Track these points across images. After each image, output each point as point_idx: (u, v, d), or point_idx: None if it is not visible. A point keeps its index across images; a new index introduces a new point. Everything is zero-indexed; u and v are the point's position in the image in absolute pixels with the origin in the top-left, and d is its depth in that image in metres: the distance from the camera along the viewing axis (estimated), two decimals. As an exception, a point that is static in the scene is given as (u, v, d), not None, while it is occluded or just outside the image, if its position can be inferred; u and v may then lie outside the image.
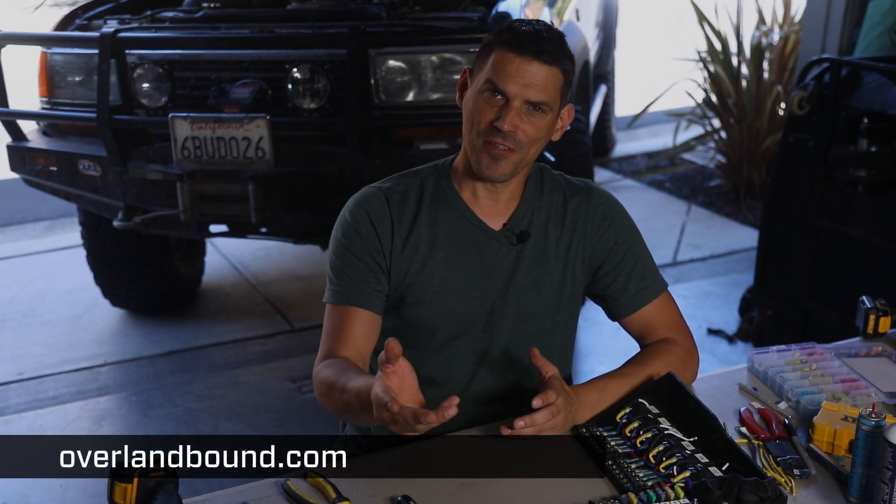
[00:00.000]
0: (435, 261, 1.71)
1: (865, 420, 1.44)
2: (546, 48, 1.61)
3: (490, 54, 1.64)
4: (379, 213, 1.71)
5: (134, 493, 1.35)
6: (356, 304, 1.70)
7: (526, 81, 1.61)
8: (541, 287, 1.75)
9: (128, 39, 3.36)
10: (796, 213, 3.48)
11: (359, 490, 1.47)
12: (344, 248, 1.72)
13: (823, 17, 3.86)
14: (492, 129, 1.62)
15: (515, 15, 3.36)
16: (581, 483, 1.50)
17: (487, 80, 1.62)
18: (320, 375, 1.68)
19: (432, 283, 1.71)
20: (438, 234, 1.72)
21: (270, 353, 3.96)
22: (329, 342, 1.71)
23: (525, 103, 1.62)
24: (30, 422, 3.48)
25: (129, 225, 3.47)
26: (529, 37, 1.61)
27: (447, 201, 1.73)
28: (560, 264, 1.76)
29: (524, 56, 1.60)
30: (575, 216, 1.77)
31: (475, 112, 1.64)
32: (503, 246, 1.73)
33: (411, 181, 1.75)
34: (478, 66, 1.67)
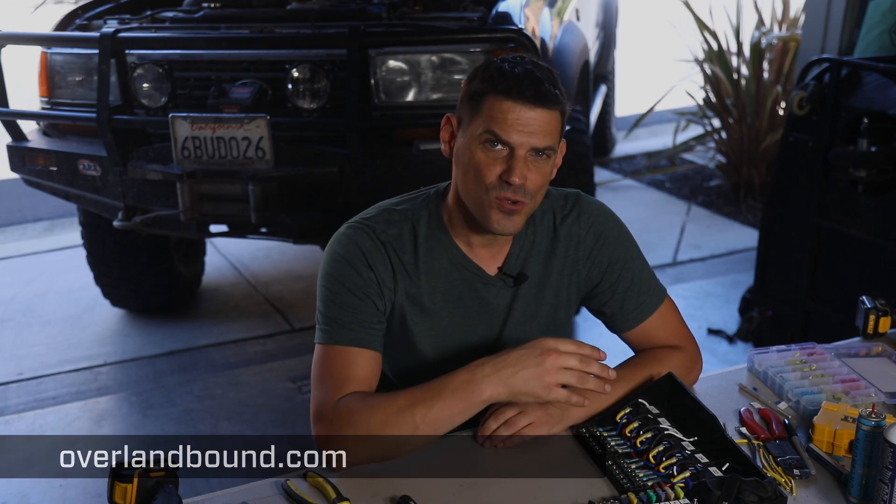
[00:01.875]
0: (438, 311, 1.67)
1: (865, 420, 1.44)
2: (546, 91, 1.53)
3: (482, 102, 1.55)
4: (378, 260, 1.62)
5: (134, 493, 1.35)
6: (362, 344, 1.59)
7: (530, 129, 1.53)
8: (535, 318, 1.73)
9: (128, 39, 3.36)
10: (796, 213, 3.48)
11: (359, 490, 1.47)
12: (345, 288, 1.60)
13: (823, 17, 3.86)
14: (502, 184, 1.54)
15: (515, 15, 3.36)
16: (581, 483, 1.50)
17: (487, 130, 1.54)
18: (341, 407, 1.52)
19: (430, 332, 1.68)
20: (436, 285, 1.66)
21: (270, 353, 3.95)
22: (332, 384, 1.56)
23: (530, 151, 1.55)
24: (30, 422, 3.48)
25: (129, 225, 3.47)
26: (527, 82, 1.52)
27: (443, 249, 1.66)
28: (553, 290, 1.73)
29: (525, 103, 1.52)
30: (567, 241, 1.72)
31: (479, 167, 1.55)
32: (500, 289, 1.69)
33: (403, 225, 1.65)
34: (467, 114, 1.58)
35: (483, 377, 1.47)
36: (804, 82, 3.41)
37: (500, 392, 1.47)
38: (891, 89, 3.18)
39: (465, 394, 1.48)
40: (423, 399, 1.49)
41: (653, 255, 4.87)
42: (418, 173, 3.06)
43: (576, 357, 1.47)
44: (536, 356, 1.46)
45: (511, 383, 1.46)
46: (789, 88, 5.30)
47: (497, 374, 1.47)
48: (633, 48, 8.70)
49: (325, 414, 1.53)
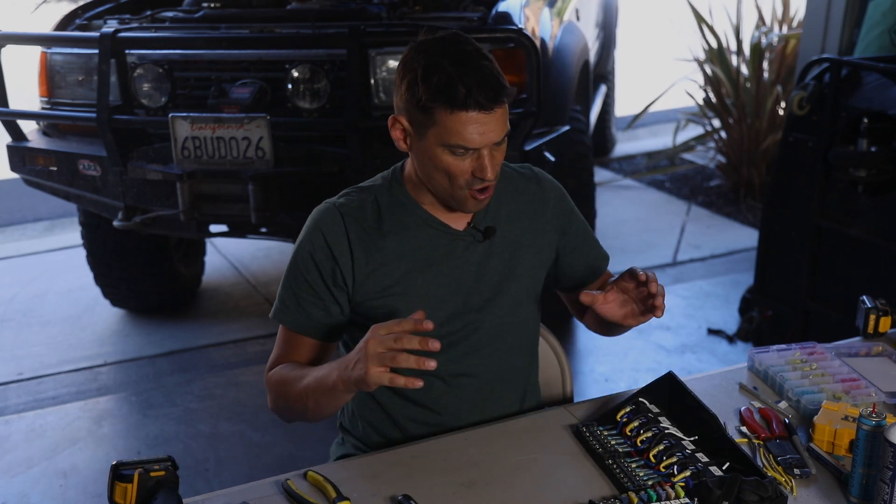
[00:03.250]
0: (408, 272, 1.69)
1: (866, 420, 1.44)
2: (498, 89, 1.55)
3: (434, 114, 1.55)
4: (335, 234, 1.68)
5: (134, 493, 1.35)
6: (303, 333, 1.73)
7: (489, 129, 1.56)
8: (520, 276, 1.77)
9: (128, 39, 3.36)
10: (796, 213, 3.48)
11: (359, 490, 1.47)
12: (297, 271, 1.72)
13: (823, 17, 3.86)
14: (475, 180, 1.61)
15: (515, 15, 3.36)
16: (581, 483, 1.50)
17: (452, 144, 1.56)
18: (272, 377, 1.73)
19: (407, 294, 1.69)
20: (406, 245, 1.70)
21: (270, 353, 3.95)
22: (277, 353, 1.77)
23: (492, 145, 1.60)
24: (30, 422, 3.48)
25: (129, 225, 3.47)
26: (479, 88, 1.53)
27: (408, 211, 1.71)
28: (532, 250, 1.79)
29: (483, 110, 1.54)
30: (533, 204, 1.79)
31: (450, 170, 1.60)
32: (469, 244, 1.73)
33: (364, 196, 1.72)
34: (420, 122, 1.58)
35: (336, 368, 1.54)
36: (804, 82, 3.41)
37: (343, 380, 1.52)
38: (891, 89, 3.18)
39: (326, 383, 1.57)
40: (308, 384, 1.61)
41: (653, 255, 4.88)
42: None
43: (391, 337, 1.45)
44: (363, 342, 1.49)
45: (347, 373, 1.51)
46: (789, 88, 5.30)
47: (340, 366, 1.53)
48: (633, 48, 8.69)
49: (266, 377, 1.76)
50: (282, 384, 1.69)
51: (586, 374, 3.73)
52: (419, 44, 1.59)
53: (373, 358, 1.45)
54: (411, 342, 1.45)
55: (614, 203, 5.65)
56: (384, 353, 1.45)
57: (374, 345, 1.46)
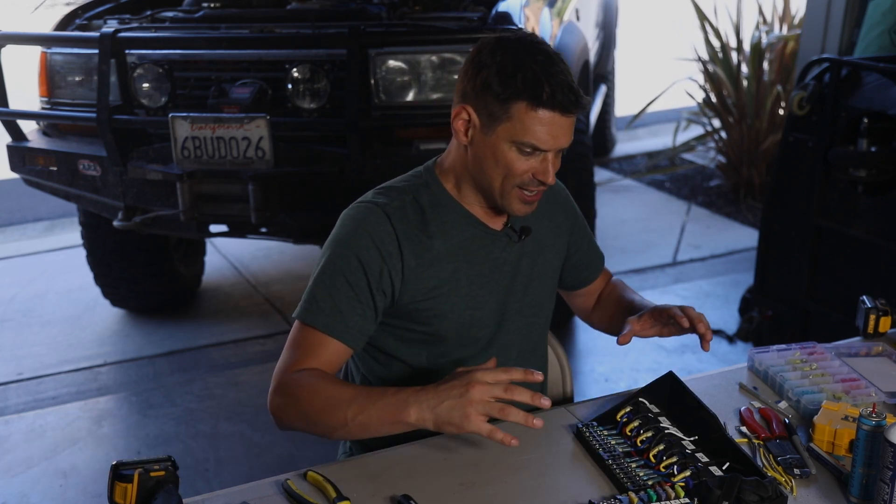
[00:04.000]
0: (453, 272, 1.68)
1: (866, 420, 1.44)
2: (580, 97, 1.57)
3: (512, 106, 1.55)
4: (382, 235, 1.63)
5: (134, 493, 1.35)
6: (338, 337, 1.63)
7: (561, 133, 1.58)
8: (543, 277, 1.81)
9: (128, 39, 3.36)
10: (796, 213, 3.48)
11: (359, 490, 1.47)
12: (337, 271, 1.64)
13: (823, 17, 3.86)
14: (533, 181, 1.61)
15: (515, 15, 3.36)
16: (581, 483, 1.50)
17: (524, 142, 1.56)
18: (295, 380, 1.59)
19: (452, 295, 1.69)
20: (452, 245, 1.69)
21: (270, 353, 3.95)
22: (296, 355, 1.63)
23: (557, 151, 1.62)
24: (30, 422, 3.48)
25: (129, 225, 3.47)
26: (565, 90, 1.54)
27: (450, 211, 1.70)
28: (552, 251, 1.83)
29: (564, 113, 1.56)
30: (549, 204, 1.81)
31: (512, 167, 1.59)
32: (506, 244, 1.74)
33: (403, 197, 1.69)
34: (491, 113, 1.58)
35: (414, 401, 1.46)
36: (804, 82, 3.41)
37: (425, 417, 1.45)
38: (891, 89, 3.18)
39: (394, 410, 1.48)
40: (361, 401, 1.51)
41: (653, 255, 4.88)
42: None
43: (500, 387, 1.43)
44: (461, 386, 1.43)
45: (436, 412, 1.44)
46: (789, 88, 5.30)
47: (427, 402, 1.45)
48: (633, 48, 8.69)
49: (279, 384, 1.61)
50: (315, 392, 1.56)
51: (586, 374, 3.73)
52: (497, 40, 1.60)
53: (478, 405, 1.41)
54: (522, 395, 1.42)
55: (614, 203, 5.65)
56: (491, 404, 1.41)
57: (481, 392, 1.41)
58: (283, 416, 1.61)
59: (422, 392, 1.47)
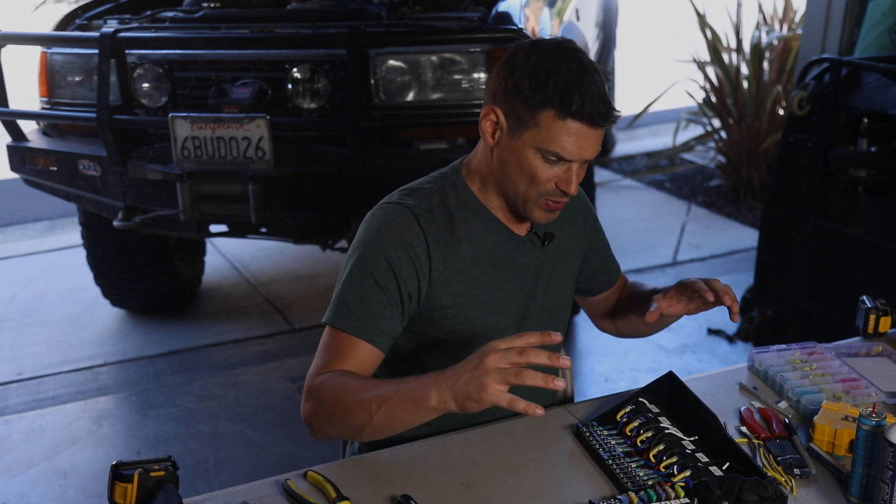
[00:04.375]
0: (479, 277, 1.68)
1: (866, 420, 1.44)
2: (611, 110, 1.56)
3: (540, 114, 1.53)
4: (412, 236, 1.61)
5: (134, 493, 1.35)
6: (368, 339, 1.60)
7: (588, 144, 1.57)
8: (562, 281, 1.81)
9: (128, 39, 3.36)
10: (796, 213, 3.48)
11: (359, 490, 1.47)
12: (367, 273, 1.60)
13: (823, 17, 3.86)
14: (556, 191, 1.60)
15: (515, 15, 3.36)
16: (581, 483, 1.50)
17: (549, 150, 1.55)
18: (324, 383, 1.56)
19: (477, 300, 1.67)
20: (479, 249, 1.68)
21: (270, 353, 3.95)
22: (326, 359, 1.61)
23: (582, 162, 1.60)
24: (30, 422, 3.48)
25: (129, 225, 3.47)
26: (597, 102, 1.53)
27: (477, 215, 1.68)
28: (572, 256, 1.83)
29: (593, 125, 1.54)
30: (570, 208, 1.79)
31: (535, 175, 1.58)
32: (529, 249, 1.74)
33: (431, 199, 1.66)
34: (520, 118, 1.56)
35: (434, 384, 1.42)
36: (804, 82, 3.41)
37: (445, 398, 1.40)
38: (891, 89, 3.18)
39: (415, 397, 1.44)
40: (382, 392, 1.49)
41: (653, 255, 4.88)
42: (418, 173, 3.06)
43: (514, 351, 1.36)
44: (477, 358, 1.37)
45: (454, 389, 1.38)
46: (789, 88, 5.30)
47: (445, 381, 1.40)
48: (633, 48, 8.69)
49: (310, 388, 1.58)
50: (339, 391, 1.53)
51: (586, 374, 3.73)
52: (533, 43, 1.58)
53: (493, 373, 1.34)
54: (539, 356, 1.35)
55: (614, 203, 5.65)
56: (507, 370, 1.34)
57: (496, 359, 1.35)
58: (314, 421, 1.58)
59: (440, 374, 1.42)
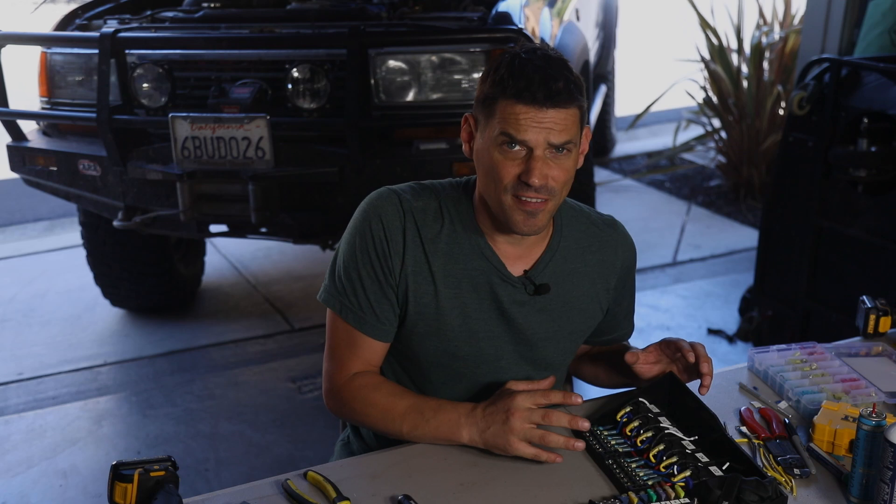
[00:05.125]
0: (449, 298, 1.61)
1: (866, 420, 1.44)
2: (558, 90, 1.48)
3: (495, 105, 1.51)
4: (393, 228, 1.59)
5: (134, 492, 1.35)
6: (364, 331, 1.62)
7: (545, 126, 1.48)
8: (560, 339, 1.70)
9: (128, 39, 3.35)
10: (796, 213, 3.48)
11: (359, 490, 1.47)
12: (351, 254, 1.61)
13: (823, 17, 3.86)
14: (520, 184, 1.51)
15: (515, 15, 3.36)
16: (581, 483, 1.50)
17: (503, 132, 1.49)
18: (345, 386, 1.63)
19: (439, 316, 1.61)
20: (453, 266, 1.61)
21: (270, 353, 3.95)
22: (340, 356, 1.65)
23: (549, 148, 1.50)
24: (30, 422, 3.48)
25: (129, 225, 3.47)
26: (538, 82, 1.47)
27: (467, 233, 1.61)
28: (582, 316, 1.71)
29: (538, 105, 1.47)
30: (601, 268, 1.71)
31: (497, 168, 1.51)
32: (519, 293, 1.63)
33: (429, 200, 1.62)
34: (483, 116, 1.54)
35: (465, 424, 1.54)
36: (804, 82, 3.41)
37: (476, 440, 1.53)
38: (891, 89, 3.18)
39: (448, 429, 1.55)
40: (415, 417, 1.57)
41: (653, 255, 4.88)
42: (418, 173, 3.06)
43: (539, 413, 1.49)
44: (503, 412, 1.50)
45: (484, 437, 1.52)
46: (789, 88, 5.30)
47: (476, 425, 1.53)
48: (633, 48, 8.69)
49: (333, 390, 1.66)
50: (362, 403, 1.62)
51: (586, 374, 3.73)
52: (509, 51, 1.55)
53: (519, 432, 1.47)
54: (560, 420, 1.48)
55: (614, 203, 5.65)
56: (532, 431, 1.47)
57: (520, 421, 1.47)
58: (339, 415, 1.70)
59: (471, 415, 1.54)
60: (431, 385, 1.68)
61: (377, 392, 1.61)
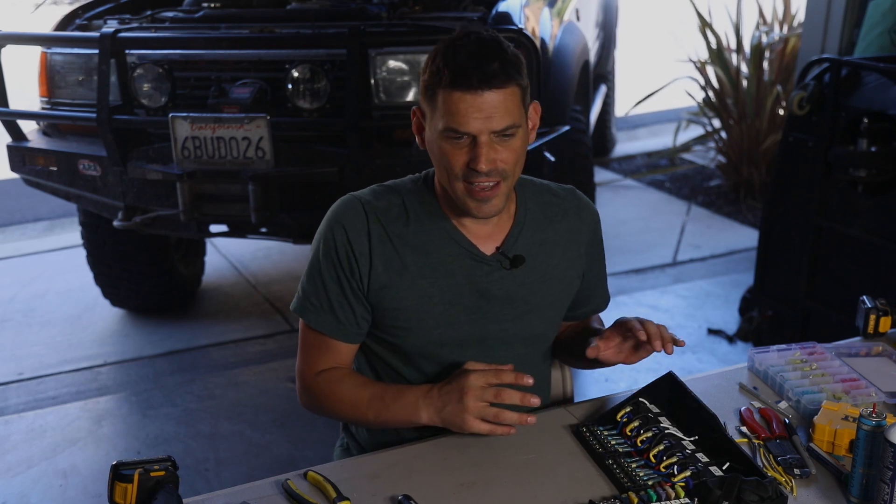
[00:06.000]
0: (426, 288, 1.63)
1: (866, 420, 1.44)
2: (492, 72, 1.48)
3: (435, 96, 1.52)
4: (356, 231, 1.62)
5: (134, 492, 1.35)
6: (330, 333, 1.67)
7: (485, 114, 1.50)
8: (544, 309, 1.72)
9: (128, 39, 3.36)
10: (796, 213, 3.48)
11: (359, 490, 1.47)
12: (317, 260, 1.66)
13: (823, 17, 3.86)
14: (470, 171, 1.53)
15: (515, 15, 3.36)
16: (581, 483, 1.50)
17: (446, 127, 1.51)
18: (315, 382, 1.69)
19: (420, 309, 1.63)
20: (425, 258, 1.63)
21: (270, 353, 3.95)
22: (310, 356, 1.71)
23: (492, 134, 1.52)
24: (30, 422, 3.48)
25: (129, 225, 3.47)
26: (471, 67, 1.48)
27: (434, 221, 1.64)
28: (561, 284, 1.73)
29: (473, 90, 1.48)
30: (571, 233, 1.73)
31: (446, 158, 1.54)
32: (495, 270, 1.65)
33: (391, 198, 1.65)
34: (428, 109, 1.56)
35: (423, 405, 1.58)
36: (804, 82, 3.41)
37: (435, 420, 1.58)
38: (891, 89, 3.18)
39: (407, 412, 1.60)
40: (377, 404, 1.63)
41: (653, 255, 4.88)
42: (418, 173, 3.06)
43: (492, 391, 1.52)
44: (458, 391, 1.53)
45: (442, 416, 1.56)
46: (789, 88, 5.30)
47: (433, 405, 1.57)
48: (633, 48, 8.69)
49: (304, 387, 1.72)
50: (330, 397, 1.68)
51: (586, 374, 3.73)
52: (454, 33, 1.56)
53: (473, 410, 1.52)
54: (512, 397, 1.52)
55: (614, 203, 5.65)
56: (486, 409, 1.51)
57: (474, 398, 1.52)
58: (313, 411, 1.74)
59: (428, 396, 1.58)
60: (424, 376, 1.69)
61: (342, 385, 1.67)
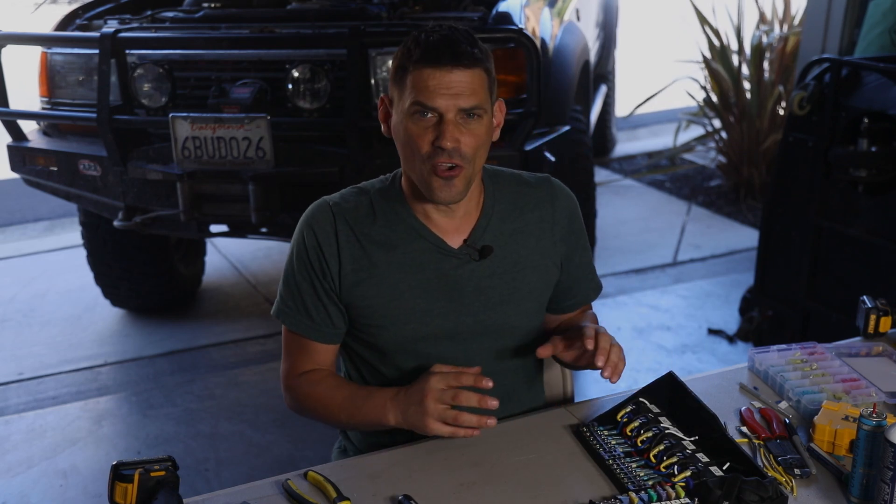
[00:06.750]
0: (396, 284, 1.64)
1: (866, 420, 1.44)
2: (463, 51, 1.54)
3: (406, 76, 1.56)
4: (325, 234, 1.66)
5: (134, 492, 1.35)
6: (307, 335, 1.71)
7: (453, 91, 1.53)
8: (519, 300, 1.71)
9: (128, 39, 3.36)
10: (796, 213, 3.48)
11: (359, 489, 1.47)
12: (290, 264, 1.71)
13: (823, 17, 3.86)
14: (435, 151, 1.55)
15: (515, 15, 3.36)
16: (581, 483, 1.50)
17: (414, 101, 1.54)
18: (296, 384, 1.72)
19: (391, 306, 1.65)
20: (393, 254, 1.65)
21: (270, 353, 3.95)
22: (291, 359, 1.75)
23: (459, 113, 1.55)
24: (30, 422, 3.48)
25: (129, 225, 3.47)
26: (443, 45, 1.53)
27: (400, 219, 1.66)
28: (536, 273, 1.72)
29: (444, 67, 1.53)
30: (543, 222, 1.73)
31: (413, 138, 1.57)
32: (464, 262, 1.66)
33: (360, 199, 1.68)
34: (396, 92, 1.59)
35: (390, 407, 1.59)
36: (804, 82, 3.41)
37: (401, 422, 1.58)
38: (891, 89, 3.18)
39: (376, 414, 1.61)
40: (350, 407, 1.65)
41: (653, 255, 4.88)
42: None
43: (449, 394, 1.53)
44: (419, 394, 1.54)
45: (405, 418, 1.57)
46: (790, 88, 5.30)
47: (398, 407, 1.58)
48: (633, 48, 8.69)
49: (287, 387, 1.75)
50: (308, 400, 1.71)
51: (586, 374, 3.71)
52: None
53: (433, 413, 1.52)
54: (469, 400, 1.52)
55: (614, 203, 5.65)
56: (446, 412, 1.52)
57: (433, 401, 1.52)
58: (298, 413, 1.77)
59: (395, 399, 1.59)
60: (401, 372, 1.70)
61: (319, 387, 1.70)
